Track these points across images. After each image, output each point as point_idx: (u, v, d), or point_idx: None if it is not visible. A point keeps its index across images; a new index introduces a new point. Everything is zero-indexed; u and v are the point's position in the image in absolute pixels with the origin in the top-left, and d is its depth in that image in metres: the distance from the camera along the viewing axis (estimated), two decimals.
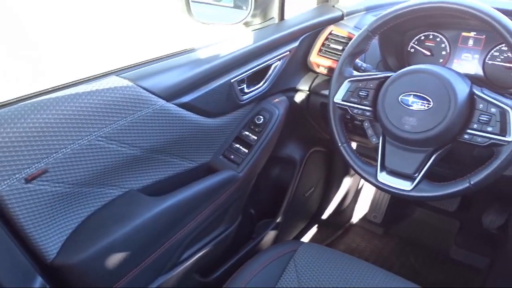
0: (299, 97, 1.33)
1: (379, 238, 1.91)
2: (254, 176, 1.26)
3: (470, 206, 1.82)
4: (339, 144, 1.01)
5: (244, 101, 1.16)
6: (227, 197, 1.15)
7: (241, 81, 1.13)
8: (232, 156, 1.17)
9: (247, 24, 1.29)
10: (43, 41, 2.90)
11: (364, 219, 1.99)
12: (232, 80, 1.10)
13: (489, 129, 0.82)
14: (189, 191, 1.03)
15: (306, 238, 1.79)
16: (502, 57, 1.08)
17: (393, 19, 0.93)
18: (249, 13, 1.21)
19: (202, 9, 1.18)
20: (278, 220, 1.50)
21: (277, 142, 1.27)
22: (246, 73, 1.13)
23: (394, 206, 1.95)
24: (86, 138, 0.84)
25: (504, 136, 0.80)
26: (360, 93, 0.98)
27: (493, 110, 0.82)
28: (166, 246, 1.01)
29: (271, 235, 1.50)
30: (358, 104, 0.98)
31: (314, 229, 1.84)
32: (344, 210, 1.96)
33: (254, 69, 1.15)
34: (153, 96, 0.93)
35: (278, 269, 0.99)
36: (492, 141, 0.81)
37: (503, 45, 1.07)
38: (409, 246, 1.85)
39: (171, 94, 0.97)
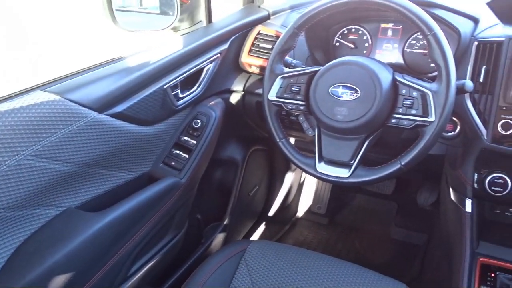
0: (234, 98, 1.34)
1: (324, 228, 1.97)
2: (197, 180, 1.25)
3: (405, 188, 1.94)
4: (277, 140, 1.03)
5: (180, 106, 1.15)
6: (172, 205, 1.13)
7: (174, 87, 1.12)
8: (173, 163, 1.16)
9: (175, 29, 1.28)
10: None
11: (309, 211, 2.04)
12: (165, 86, 1.09)
13: (413, 111, 0.87)
14: (131, 203, 1.00)
15: (255, 237, 1.81)
16: (419, 44, 1.16)
17: (316, 15, 0.97)
18: (176, 18, 1.20)
19: (128, 17, 1.16)
20: (225, 222, 1.51)
21: (217, 145, 1.28)
22: (179, 78, 1.12)
23: (336, 196, 2.02)
24: (14, 158, 0.79)
25: (427, 117, 0.86)
26: (293, 88, 1.00)
27: (414, 94, 0.88)
28: (113, 261, 0.98)
29: (220, 237, 1.50)
30: (291, 99, 1.01)
31: (262, 227, 1.86)
32: (289, 205, 2.00)
33: (187, 73, 1.14)
34: (84, 108, 0.90)
35: (230, 270, 0.99)
36: (417, 122, 0.87)
37: (419, 33, 1.15)
38: (353, 232, 1.93)
39: (103, 105, 0.94)
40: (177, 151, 1.17)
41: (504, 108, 0.95)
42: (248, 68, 1.30)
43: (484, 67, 0.98)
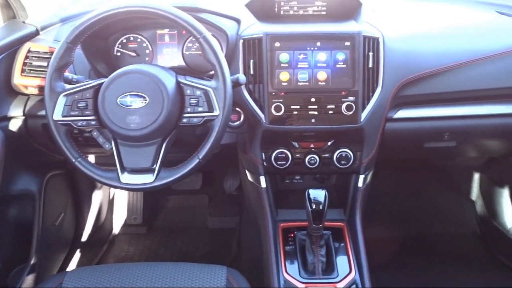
0: (14, 125, 1.21)
1: (144, 237, 1.96)
2: None
3: (211, 179, 2.07)
4: (73, 160, 0.99)
5: None
6: None
7: None
8: None
9: None
10: None
11: (125, 225, 2.00)
12: None
13: (200, 109, 0.95)
14: None
15: (71, 267, 1.68)
16: (195, 46, 1.25)
17: (88, 27, 0.95)
18: None
19: None
20: (32, 262, 1.36)
21: (3, 180, 1.14)
22: None
23: (150, 202, 2.03)
24: None
25: (212, 111, 0.95)
26: (79, 104, 0.97)
27: (198, 92, 0.96)
28: None
29: (29, 280, 1.35)
30: (80, 116, 0.97)
31: (77, 254, 1.74)
32: (103, 224, 1.92)
33: None
34: None
35: None
36: (205, 118, 0.95)
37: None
38: (173, 232, 1.98)
39: None
40: None
41: (273, 93, 1.12)
42: (24, 90, 1.19)
43: (251, 60, 1.13)
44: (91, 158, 1.50)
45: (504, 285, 1.59)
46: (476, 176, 1.95)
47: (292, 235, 1.21)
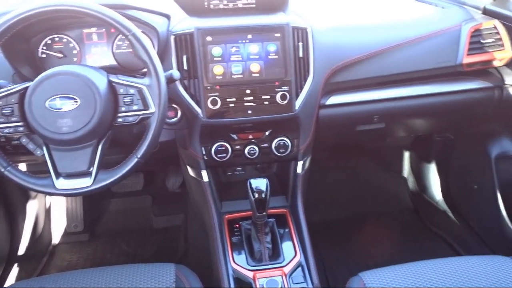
0: None
1: (87, 244, 1.90)
2: None
3: (153, 179, 2.04)
4: (2, 170, 0.94)
5: None
6: None
7: None
8: None
9: None
10: None
11: (65, 234, 1.92)
12: None
13: (135, 107, 0.94)
14: None
15: (10, 282, 1.59)
16: (126, 44, 1.23)
17: (8, 29, 0.90)
18: None
19: None
20: None
21: None
22: None
23: (90, 208, 1.97)
24: None
25: (148, 109, 0.94)
26: (4, 111, 0.92)
27: (132, 91, 0.94)
28: None
29: None
30: (6, 123, 0.92)
31: (15, 269, 1.65)
32: (41, 235, 1.84)
33: None
34: None
35: None
36: (141, 116, 0.94)
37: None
38: (118, 236, 1.93)
39: None
40: None
41: (209, 87, 1.13)
42: None
43: (185, 56, 1.13)
44: (23, 166, 1.43)
45: (435, 251, 1.73)
46: (406, 154, 2.08)
47: (237, 225, 1.24)
